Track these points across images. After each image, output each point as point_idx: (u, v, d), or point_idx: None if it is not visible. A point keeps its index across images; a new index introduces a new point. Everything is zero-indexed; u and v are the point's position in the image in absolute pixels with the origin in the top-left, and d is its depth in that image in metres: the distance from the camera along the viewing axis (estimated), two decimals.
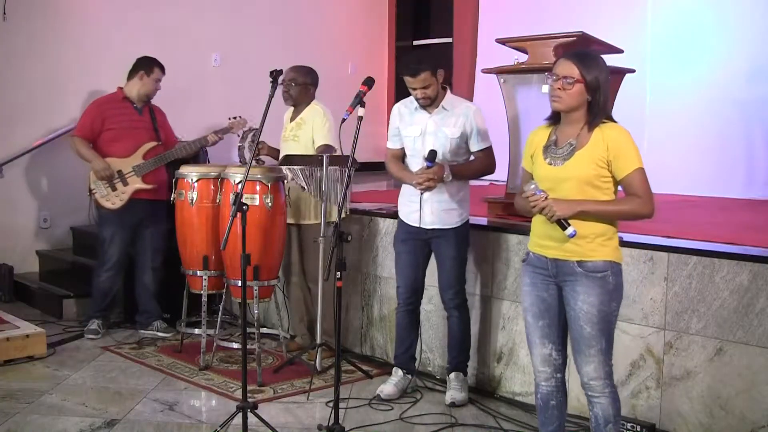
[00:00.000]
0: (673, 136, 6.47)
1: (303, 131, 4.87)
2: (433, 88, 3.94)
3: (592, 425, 3.00)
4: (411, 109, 4.09)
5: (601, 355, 2.91)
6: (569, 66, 2.88)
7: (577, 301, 2.91)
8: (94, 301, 5.37)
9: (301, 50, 7.22)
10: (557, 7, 7.21)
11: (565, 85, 2.88)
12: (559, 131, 2.98)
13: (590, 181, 2.87)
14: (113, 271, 5.30)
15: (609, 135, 2.87)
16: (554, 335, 3.03)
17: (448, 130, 3.99)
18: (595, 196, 2.88)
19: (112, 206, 5.16)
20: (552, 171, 2.93)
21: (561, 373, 3.08)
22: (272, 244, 4.64)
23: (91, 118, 5.22)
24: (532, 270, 3.03)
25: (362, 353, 5.02)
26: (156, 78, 5.29)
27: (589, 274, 2.88)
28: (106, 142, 5.19)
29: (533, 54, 4.58)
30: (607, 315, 2.90)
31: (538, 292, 3.02)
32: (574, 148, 2.90)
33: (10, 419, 3.84)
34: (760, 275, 3.38)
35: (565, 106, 2.91)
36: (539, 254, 3.01)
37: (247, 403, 3.60)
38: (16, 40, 6.32)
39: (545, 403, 3.11)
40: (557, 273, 2.96)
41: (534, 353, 3.08)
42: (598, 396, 2.95)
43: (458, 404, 4.10)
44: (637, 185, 2.86)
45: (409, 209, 4.10)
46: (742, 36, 6.27)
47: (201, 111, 6.62)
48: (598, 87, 2.87)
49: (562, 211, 2.83)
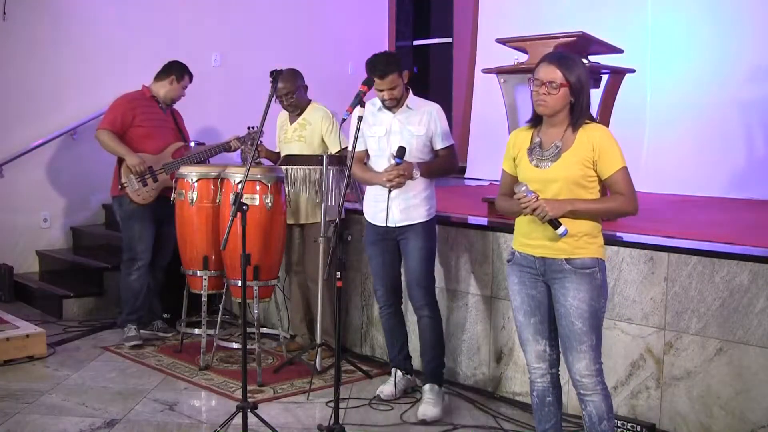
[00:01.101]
0: (673, 136, 6.47)
1: (308, 132, 4.87)
2: (399, 89, 3.96)
3: (586, 424, 3.01)
4: (374, 109, 4.09)
5: (592, 352, 2.94)
6: (552, 70, 2.91)
7: (567, 298, 2.93)
8: (126, 303, 5.21)
9: (301, 50, 7.23)
10: (557, 7, 7.20)
11: (550, 90, 2.91)
12: (542, 133, 3.02)
13: (578, 182, 2.92)
14: (144, 270, 5.17)
15: (593, 136, 2.93)
16: (546, 331, 3.06)
17: (413, 128, 4.00)
18: (583, 196, 2.94)
19: (143, 201, 5.10)
20: (539, 173, 2.96)
21: (555, 368, 3.12)
22: (272, 244, 4.64)
23: (121, 112, 5.14)
24: (519, 269, 3.06)
25: (362, 353, 5.02)
26: (184, 85, 5.31)
27: (578, 271, 2.93)
28: (137, 138, 5.13)
29: (533, 54, 4.58)
30: (596, 311, 2.94)
31: (527, 290, 3.05)
32: (560, 150, 2.94)
33: (10, 419, 3.84)
34: (760, 275, 3.38)
35: (551, 111, 2.95)
36: (525, 253, 3.04)
37: (247, 403, 3.60)
38: (17, 41, 6.32)
39: (541, 400, 3.13)
40: (545, 271, 2.99)
41: (528, 350, 3.10)
42: (590, 393, 2.96)
43: (429, 421, 3.93)
44: (621, 184, 2.92)
45: (376, 209, 4.07)
46: (742, 36, 6.27)
47: (201, 111, 6.62)
48: (581, 88, 2.92)
49: (554, 211, 2.87)
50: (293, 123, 4.96)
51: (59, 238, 6.66)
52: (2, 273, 6.19)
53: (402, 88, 3.99)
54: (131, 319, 5.16)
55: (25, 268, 6.46)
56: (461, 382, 4.46)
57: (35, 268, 6.54)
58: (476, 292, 4.40)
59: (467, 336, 4.45)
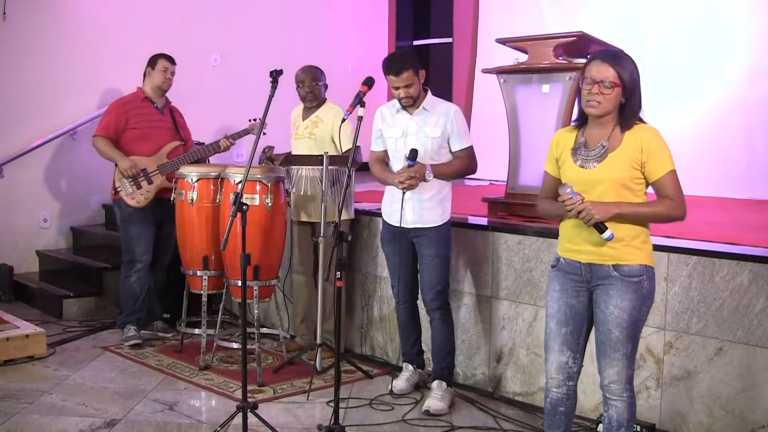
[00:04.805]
0: (672, 137, 6.38)
1: (320, 129, 4.88)
2: (416, 87, 3.97)
3: (605, 427, 2.97)
4: (393, 111, 4.11)
5: (625, 360, 2.87)
6: (605, 68, 2.77)
7: (608, 305, 2.85)
8: (125, 305, 5.21)
9: (301, 50, 7.22)
10: (557, 7, 7.21)
11: (603, 90, 2.78)
12: (587, 133, 2.90)
13: (624, 183, 2.81)
14: (144, 272, 5.17)
15: (643, 136, 2.81)
16: (574, 343, 2.97)
17: (429, 130, 4.00)
18: (629, 198, 2.82)
19: (138, 204, 5.09)
20: (584, 173, 2.85)
21: (574, 381, 3.03)
22: (272, 244, 4.64)
23: (114, 117, 5.14)
24: (563, 276, 2.95)
25: (362, 353, 5.02)
26: (161, 68, 5.20)
27: (625, 279, 2.83)
28: (130, 141, 5.13)
29: (533, 54, 4.58)
30: (636, 320, 2.86)
31: (567, 299, 2.95)
32: (606, 150, 2.82)
33: (10, 419, 3.84)
34: (760, 275, 3.38)
35: (602, 111, 2.82)
36: (571, 259, 2.93)
37: (247, 403, 3.60)
38: (16, 40, 6.32)
39: (554, 408, 3.07)
40: (591, 278, 2.89)
41: (550, 359, 3.02)
42: (615, 399, 2.91)
43: (433, 413, 3.99)
44: (670, 187, 2.81)
45: (391, 209, 4.11)
46: (741, 36, 6.27)
47: (201, 111, 6.62)
48: (634, 88, 2.80)
49: (600, 213, 2.75)
50: (305, 120, 4.96)
51: (59, 238, 6.66)
52: (2, 273, 6.19)
53: (419, 87, 3.99)
54: (131, 320, 5.16)
55: (25, 268, 6.45)
56: (461, 382, 4.46)
57: (35, 268, 6.54)
58: (476, 292, 4.40)
59: (467, 336, 4.45)
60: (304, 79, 4.90)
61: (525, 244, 4.18)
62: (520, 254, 4.19)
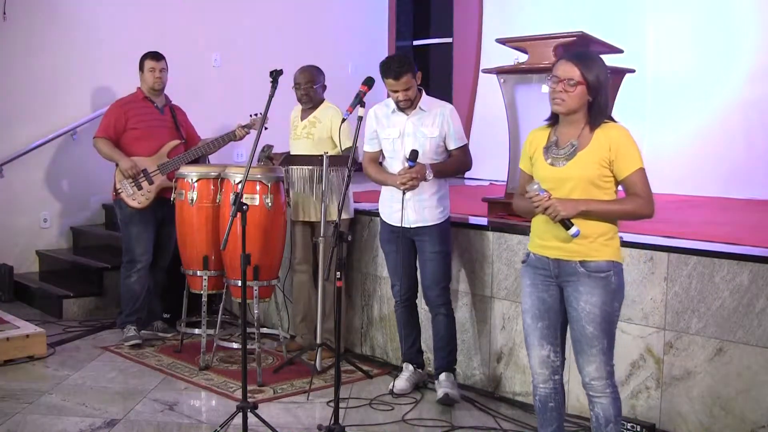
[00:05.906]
0: (673, 136, 6.47)
1: (318, 129, 4.88)
2: (413, 89, 4.00)
3: (593, 425, 3.00)
4: (387, 111, 4.13)
5: (602, 355, 2.91)
6: (570, 67, 2.86)
7: (579, 302, 2.90)
8: (125, 305, 5.20)
9: (301, 50, 7.21)
10: (557, 7, 7.20)
11: (567, 87, 2.86)
12: (559, 132, 2.97)
13: (593, 181, 2.87)
14: (144, 272, 5.16)
15: (611, 135, 2.87)
16: (552, 336, 3.03)
17: (426, 130, 4.03)
18: (598, 196, 2.88)
19: (139, 205, 5.09)
20: (554, 171, 2.92)
21: (559, 374, 3.08)
22: (272, 244, 4.64)
23: (114, 117, 5.15)
24: (533, 271, 3.02)
25: (362, 353, 5.02)
26: (148, 68, 5.19)
27: (592, 274, 2.88)
28: (130, 142, 5.13)
29: (533, 54, 4.58)
30: (609, 315, 2.90)
31: (539, 293, 3.01)
32: (576, 149, 2.89)
33: (10, 419, 3.84)
34: (760, 275, 3.38)
35: (567, 109, 2.90)
36: (540, 255, 2.99)
37: (247, 403, 3.60)
38: (16, 40, 6.32)
39: (543, 404, 3.11)
40: (559, 273, 2.95)
41: (532, 355, 3.07)
42: (599, 396, 2.95)
43: (452, 397, 4.06)
44: (638, 185, 2.86)
45: (391, 210, 4.12)
46: (742, 36, 6.26)
47: (201, 111, 6.61)
48: (599, 87, 2.86)
49: (566, 210, 2.82)
50: (304, 120, 4.96)
51: (59, 238, 6.66)
52: (2, 273, 6.19)
53: (416, 89, 4.02)
54: (130, 320, 5.16)
55: (25, 268, 6.46)
56: (461, 382, 4.45)
57: (35, 268, 6.54)
58: (476, 292, 4.40)
59: (467, 336, 4.46)
60: (300, 81, 4.92)
61: (525, 244, 4.15)
62: (520, 254, 4.18)
